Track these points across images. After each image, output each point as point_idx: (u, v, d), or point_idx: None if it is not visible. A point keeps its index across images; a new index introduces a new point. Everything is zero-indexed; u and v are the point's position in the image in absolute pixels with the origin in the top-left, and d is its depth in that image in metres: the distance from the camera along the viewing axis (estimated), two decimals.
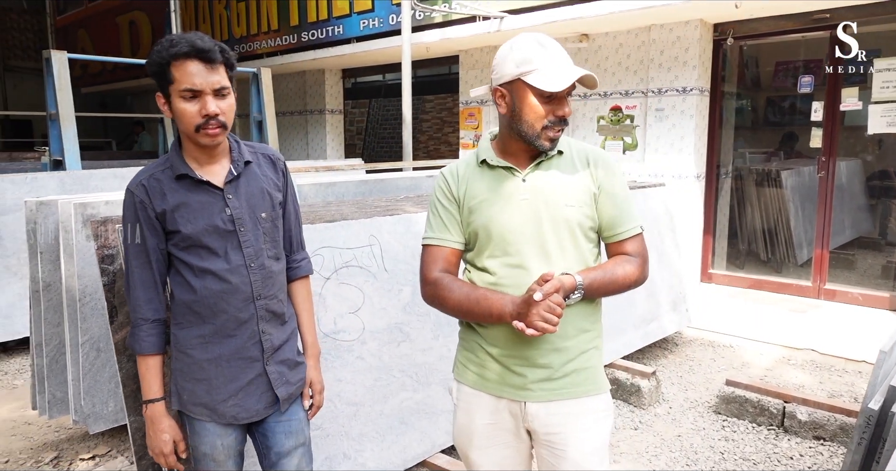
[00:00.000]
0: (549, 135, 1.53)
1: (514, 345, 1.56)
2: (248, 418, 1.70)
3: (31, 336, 3.05)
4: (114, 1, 11.89)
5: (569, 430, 1.57)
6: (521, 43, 1.52)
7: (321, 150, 9.32)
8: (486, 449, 1.65)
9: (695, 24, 5.37)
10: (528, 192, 1.56)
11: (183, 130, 1.59)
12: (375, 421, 2.54)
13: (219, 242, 1.62)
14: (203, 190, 1.62)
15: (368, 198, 3.72)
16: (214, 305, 1.63)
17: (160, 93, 1.58)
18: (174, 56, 1.51)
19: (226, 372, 1.66)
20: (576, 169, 1.59)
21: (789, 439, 3.11)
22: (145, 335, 1.64)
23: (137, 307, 1.64)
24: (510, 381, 1.58)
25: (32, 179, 4.39)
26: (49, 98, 4.85)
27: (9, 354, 4.45)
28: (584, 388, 1.59)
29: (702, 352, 4.37)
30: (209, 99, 1.54)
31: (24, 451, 3.12)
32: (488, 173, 1.61)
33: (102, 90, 13.16)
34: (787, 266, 5.89)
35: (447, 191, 1.64)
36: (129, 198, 1.62)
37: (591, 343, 1.61)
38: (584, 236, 1.58)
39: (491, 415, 1.63)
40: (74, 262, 2.68)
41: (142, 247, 1.62)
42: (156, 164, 1.66)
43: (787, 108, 6.49)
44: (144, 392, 1.66)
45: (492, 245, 1.57)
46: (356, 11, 7.45)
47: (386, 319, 2.62)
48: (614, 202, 1.59)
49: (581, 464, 1.58)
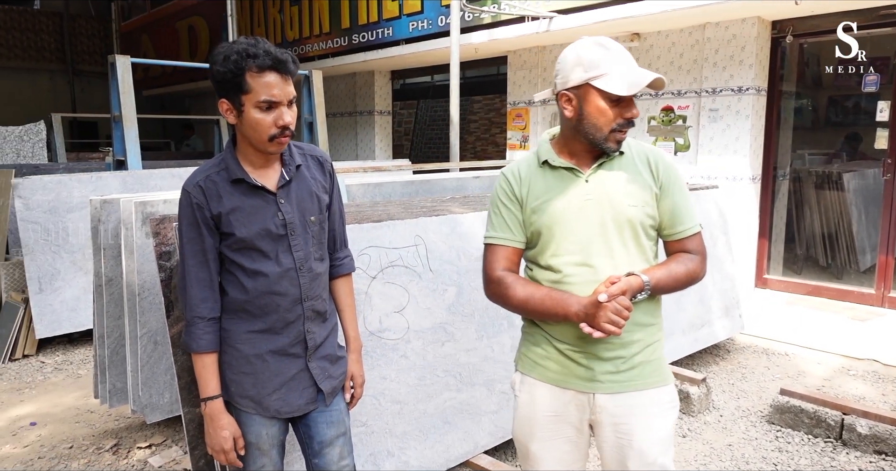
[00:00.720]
0: (617, 137, 1.56)
1: (581, 340, 1.59)
2: (289, 412, 1.74)
3: (94, 328, 3.21)
4: (174, 7, 12.34)
5: (635, 420, 1.61)
6: (586, 47, 1.54)
7: (370, 150, 9.45)
8: (547, 442, 1.67)
9: (752, 21, 5.21)
10: (592, 192, 1.59)
11: (254, 138, 1.59)
12: (419, 420, 2.56)
13: (271, 245, 1.66)
14: (257, 195, 1.65)
15: (414, 198, 3.75)
16: (265, 305, 1.67)
17: (225, 99, 1.58)
18: (259, 68, 1.53)
19: (271, 367, 1.70)
20: (637, 169, 1.62)
21: (847, 452, 2.99)
22: (202, 333, 1.66)
23: (194, 306, 1.66)
24: (578, 373, 1.61)
25: (97, 178, 4.61)
26: (113, 101, 5.08)
27: (74, 344, 4.68)
28: (651, 379, 1.62)
29: (755, 360, 4.24)
30: (285, 110, 1.57)
31: (86, 437, 3.28)
32: (550, 174, 1.64)
33: (162, 93, 13.67)
34: (848, 272, 5.64)
35: (509, 191, 1.67)
36: (186, 198, 1.64)
37: (654, 336, 1.65)
38: (646, 235, 1.62)
39: (555, 406, 1.65)
40: (134, 258, 2.80)
41: (199, 246, 1.64)
42: (211, 164, 1.68)
43: (850, 107, 6.22)
44: (202, 390, 1.68)
45: (555, 244, 1.60)
46: (405, 13, 7.52)
47: (430, 319, 2.64)
48: (675, 201, 1.62)
49: (646, 454, 1.61)
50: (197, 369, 1.68)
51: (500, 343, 2.87)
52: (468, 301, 2.78)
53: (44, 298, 4.38)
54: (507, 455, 2.96)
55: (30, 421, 3.46)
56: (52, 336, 4.46)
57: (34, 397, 3.79)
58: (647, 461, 1.60)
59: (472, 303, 2.79)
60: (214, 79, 1.57)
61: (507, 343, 2.88)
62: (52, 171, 6.38)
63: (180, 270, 1.68)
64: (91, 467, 2.98)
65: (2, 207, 4.72)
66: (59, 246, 4.45)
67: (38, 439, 3.26)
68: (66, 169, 6.63)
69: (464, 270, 2.79)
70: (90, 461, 3.03)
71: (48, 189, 4.40)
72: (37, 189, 4.36)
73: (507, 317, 2.91)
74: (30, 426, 3.41)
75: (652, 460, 1.61)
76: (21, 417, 3.53)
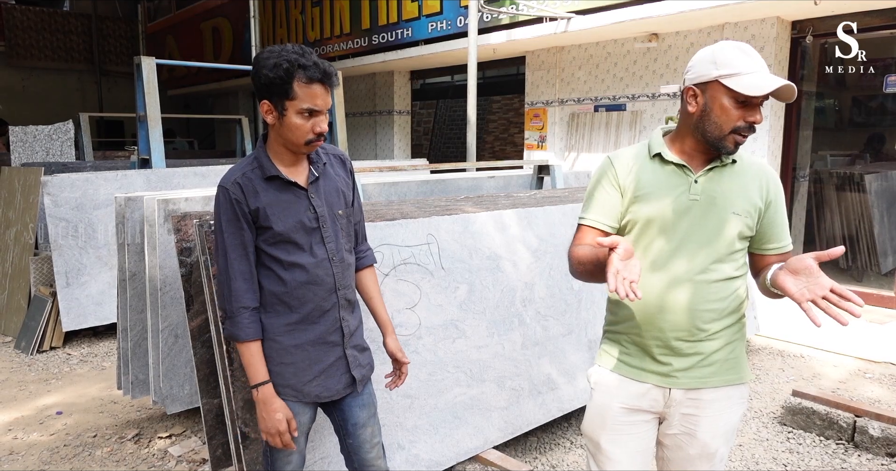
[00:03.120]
0: (737, 139, 1.56)
1: (660, 335, 1.63)
2: (328, 396, 1.85)
3: (118, 322, 3.31)
4: (199, 8, 12.55)
5: (704, 413, 1.65)
6: (724, 48, 1.57)
7: (388, 150, 9.53)
8: (620, 435, 1.69)
9: (771, 21, 5.17)
10: (699, 193, 1.61)
11: (291, 140, 1.70)
12: (429, 414, 2.61)
13: (305, 238, 1.75)
14: (290, 190, 1.75)
15: (429, 197, 3.80)
16: (302, 296, 1.76)
17: (268, 101, 1.67)
18: (308, 78, 1.63)
19: (311, 355, 1.80)
20: (747, 180, 1.63)
21: (859, 454, 2.98)
22: (248, 322, 1.73)
23: (239, 297, 1.73)
24: (655, 369, 1.65)
25: (122, 176, 4.74)
26: (139, 101, 5.20)
27: (99, 337, 4.82)
28: (728, 377, 1.65)
29: (770, 361, 4.22)
30: (323, 118, 1.69)
31: (109, 427, 3.39)
32: (660, 168, 1.65)
33: (186, 92, 13.92)
34: (868, 275, 5.58)
35: (613, 177, 1.68)
36: (224, 194, 1.72)
37: (735, 335, 1.66)
38: (741, 245, 1.64)
39: (631, 399, 1.68)
40: (157, 254, 2.89)
41: (239, 239, 1.72)
42: (245, 163, 1.77)
43: (872, 108, 6.15)
44: (253, 377, 1.75)
45: (649, 236, 1.63)
46: (425, 14, 7.58)
47: (442, 316, 2.69)
48: (781, 218, 1.66)
49: (708, 445, 1.66)
50: (245, 358, 1.75)
51: (510, 340, 2.91)
52: (479, 299, 2.82)
53: (70, 292, 4.52)
54: (516, 451, 3.00)
55: (56, 410, 3.59)
56: (78, 329, 4.60)
57: (60, 388, 3.92)
58: (707, 452, 1.67)
59: (484, 301, 2.84)
60: (261, 81, 1.65)
61: (517, 340, 2.93)
62: (80, 169, 6.55)
63: (221, 264, 1.75)
64: (114, 455, 3.08)
65: (31, 204, 4.88)
66: (86, 242, 4.58)
67: (64, 428, 3.38)
68: (93, 167, 6.79)
69: (475, 269, 2.84)
70: (113, 450, 3.13)
71: (76, 187, 4.54)
72: (65, 187, 4.50)
73: (517, 315, 2.96)
74: (56, 415, 3.53)
75: (713, 451, 1.67)
76: (48, 406, 3.65)
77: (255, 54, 1.70)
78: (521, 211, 3.11)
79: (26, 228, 4.91)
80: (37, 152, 7.40)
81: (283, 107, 1.66)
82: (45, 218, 4.57)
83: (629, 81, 6.27)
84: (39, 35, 14.58)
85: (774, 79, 1.51)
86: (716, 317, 1.61)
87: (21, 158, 7.35)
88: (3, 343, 4.76)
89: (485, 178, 4.41)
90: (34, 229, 4.85)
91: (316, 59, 1.66)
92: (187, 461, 2.99)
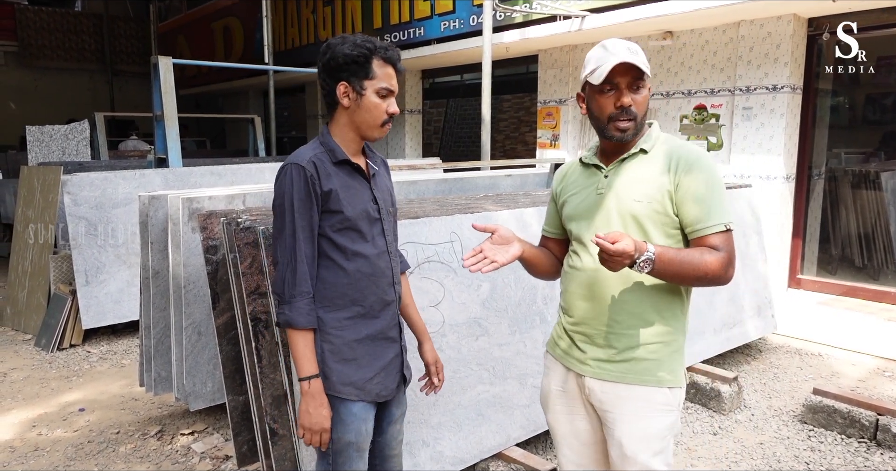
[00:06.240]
0: (617, 126, 1.62)
1: (582, 322, 1.70)
2: (387, 395, 1.80)
3: (141, 319, 3.34)
4: (210, 8, 12.59)
5: (620, 411, 1.65)
6: (591, 50, 1.65)
7: (400, 149, 9.55)
8: (558, 415, 1.80)
9: (787, 19, 5.15)
10: (606, 186, 1.68)
11: (368, 121, 1.70)
12: (453, 411, 2.63)
13: (368, 227, 1.73)
14: (356, 178, 1.74)
15: (448, 196, 3.82)
16: (365, 287, 1.72)
17: (346, 82, 1.67)
18: (385, 59, 1.67)
19: (373, 351, 1.75)
20: (655, 167, 1.65)
21: (882, 453, 2.97)
22: (308, 309, 1.65)
23: (301, 281, 1.64)
24: (575, 354, 1.72)
25: (140, 175, 4.77)
26: (155, 100, 5.24)
27: (118, 335, 4.86)
28: (640, 377, 1.64)
29: (788, 360, 4.21)
30: (394, 101, 1.72)
31: (132, 424, 3.42)
32: (582, 171, 1.78)
33: (197, 92, 13.97)
34: (885, 273, 5.55)
35: (553, 187, 1.87)
36: (299, 172, 1.64)
37: (658, 337, 1.64)
38: (658, 231, 1.61)
39: (561, 383, 1.78)
40: (180, 252, 2.92)
41: (309, 221, 1.65)
42: (313, 146, 1.73)
43: (889, 106, 6.11)
44: (305, 368, 1.66)
45: (576, 235, 1.73)
46: (437, 13, 7.58)
47: (465, 314, 2.70)
48: (695, 200, 1.59)
49: (626, 448, 1.64)
50: (300, 348, 1.66)
51: (532, 338, 2.92)
52: (501, 297, 2.83)
53: (90, 290, 4.56)
54: (539, 449, 3.01)
55: (78, 407, 3.62)
56: (97, 327, 4.64)
57: (82, 385, 3.96)
58: (624, 454, 1.65)
59: (506, 298, 2.85)
60: (338, 62, 1.65)
61: (538, 339, 2.93)
62: (96, 168, 6.60)
63: (287, 244, 1.65)
64: (138, 452, 3.11)
65: (51, 203, 4.92)
66: (105, 240, 4.62)
67: (87, 425, 3.41)
68: (108, 166, 6.84)
69: None
70: (136, 446, 3.16)
71: (95, 185, 4.58)
72: (84, 185, 4.54)
73: (538, 313, 2.96)
74: (79, 412, 3.56)
75: (630, 455, 1.64)
76: (70, 403, 3.69)
77: (327, 41, 1.72)
78: (541, 209, 3.12)
79: (46, 227, 4.95)
80: (53, 152, 7.46)
81: (361, 87, 1.66)
82: (64, 217, 4.62)
83: None
84: (51, 35, 14.67)
85: (612, 60, 1.56)
86: (633, 311, 1.62)
87: (38, 157, 7.42)
88: (24, 341, 4.81)
89: (502, 176, 4.42)
90: (53, 228, 4.89)
91: (393, 47, 1.70)
92: (210, 458, 3.02)
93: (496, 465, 2.72)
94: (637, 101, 1.61)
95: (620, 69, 1.57)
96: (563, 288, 1.78)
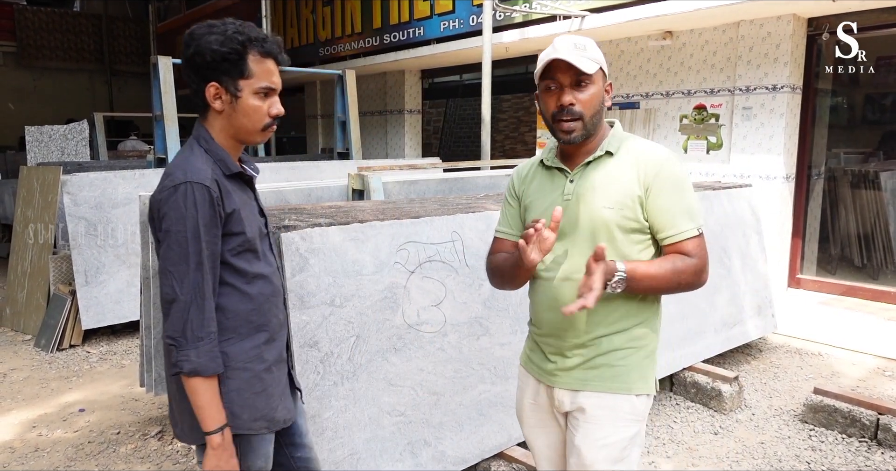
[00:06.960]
0: (561, 126, 1.56)
1: (550, 333, 1.66)
2: (290, 418, 1.65)
3: (141, 319, 3.33)
4: (210, 8, 12.58)
5: (584, 418, 1.62)
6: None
7: (399, 149, 9.55)
8: (533, 428, 1.78)
9: (787, 19, 5.16)
10: (572, 192, 1.61)
11: (246, 126, 1.48)
12: (455, 411, 2.63)
13: (261, 244, 1.55)
14: (247, 191, 1.56)
15: (449, 196, 3.82)
16: (268, 310, 1.55)
17: (217, 83, 1.43)
18: (263, 52, 1.44)
19: (276, 376, 1.58)
20: (622, 171, 1.58)
21: (883, 452, 2.97)
22: (217, 351, 1.43)
23: (208, 321, 1.41)
24: (544, 366, 1.69)
25: (140, 175, 4.77)
26: (155, 100, 5.24)
27: (117, 335, 4.85)
28: (609, 384, 1.60)
29: (788, 359, 4.22)
30: (277, 99, 1.49)
31: (132, 424, 3.41)
32: (545, 173, 1.70)
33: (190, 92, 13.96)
34: (884, 273, 5.56)
35: (512, 189, 1.78)
36: (203, 194, 1.40)
37: (628, 343, 1.60)
38: (626, 238, 1.57)
39: (533, 396, 1.75)
40: None
41: (215, 250, 1.43)
42: (200, 157, 1.47)
43: (888, 106, 6.12)
44: (216, 419, 1.43)
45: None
46: (437, 13, 7.59)
47: (466, 313, 2.70)
48: (665, 203, 1.55)
49: (583, 455, 1.61)
50: (206, 398, 1.41)
51: None
52: (503, 296, 2.83)
53: (89, 290, 4.55)
54: None
55: (78, 408, 3.62)
56: (97, 327, 4.63)
57: (81, 385, 3.95)
58: (582, 462, 1.61)
59: (507, 298, 2.85)
60: (205, 60, 1.42)
61: None
62: (95, 168, 6.60)
63: (188, 279, 1.39)
64: (138, 452, 3.10)
65: (50, 203, 4.91)
66: (104, 241, 4.61)
67: (87, 425, 3.41)
68: (108, 166, 6.85)
69: None
70: (137, 447, 3.16)
71: (94, 186, 4.57)
72: (84, 186, 4.53)
73: None
74: (79, 413, 3.56)
75: (588, 463, 1.60)
76: (70, 403, 3.68)
77: (188, 30, 1.44)
78: None
79: (45, 227, 4.94)
80: (52, 152, 7.46)
81: (236, 87, 1.43)
82: (63, 217, 4.61)
83: (642, 79, 6.27)
84: (50, 35, 14.67)
85: (549, 55, 1.51)
86: (601, 320, 1.58)
87: (37, 157, 7.41)
88: (23, 341, 4.80)
89: (502, 176, 4.42)
90: (53, 228, 4.88)
91: (267, 35, 1.47)
92: None
93: (498, 464, 2.71)
94: (581, 100, 1.53)
95: (562, 66, 1.51)
96: (531, 300, 1.74)
